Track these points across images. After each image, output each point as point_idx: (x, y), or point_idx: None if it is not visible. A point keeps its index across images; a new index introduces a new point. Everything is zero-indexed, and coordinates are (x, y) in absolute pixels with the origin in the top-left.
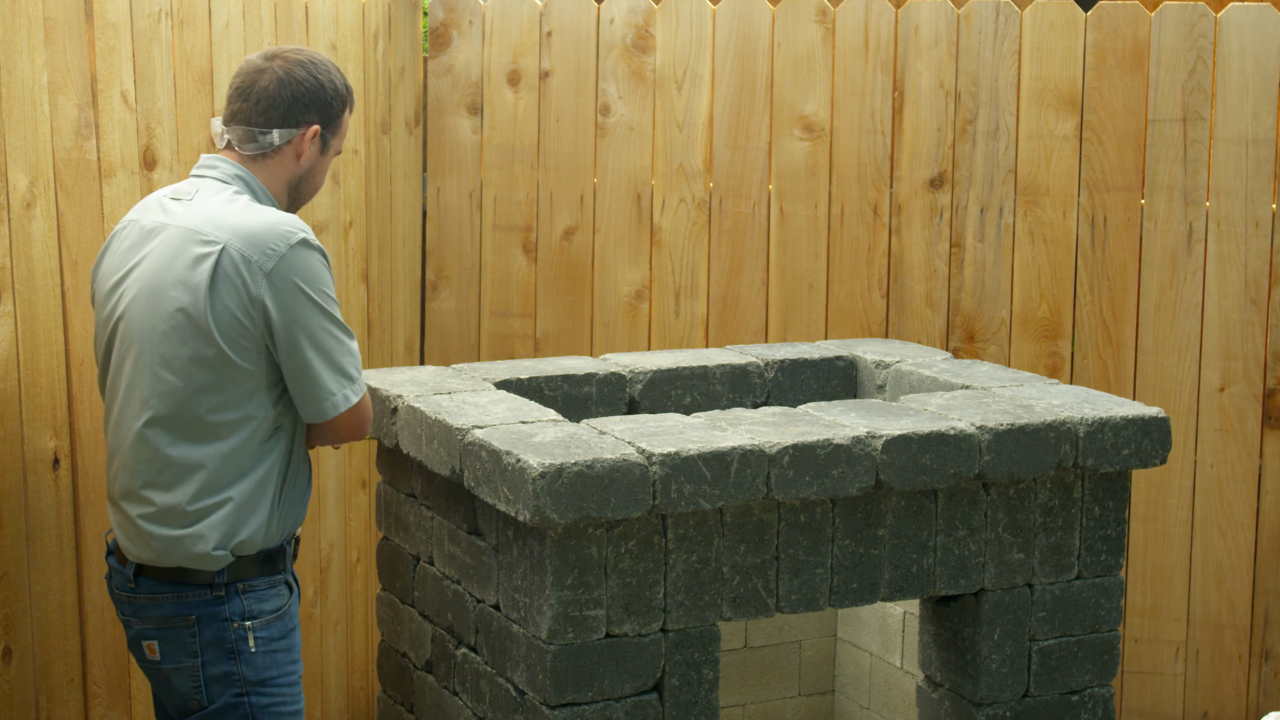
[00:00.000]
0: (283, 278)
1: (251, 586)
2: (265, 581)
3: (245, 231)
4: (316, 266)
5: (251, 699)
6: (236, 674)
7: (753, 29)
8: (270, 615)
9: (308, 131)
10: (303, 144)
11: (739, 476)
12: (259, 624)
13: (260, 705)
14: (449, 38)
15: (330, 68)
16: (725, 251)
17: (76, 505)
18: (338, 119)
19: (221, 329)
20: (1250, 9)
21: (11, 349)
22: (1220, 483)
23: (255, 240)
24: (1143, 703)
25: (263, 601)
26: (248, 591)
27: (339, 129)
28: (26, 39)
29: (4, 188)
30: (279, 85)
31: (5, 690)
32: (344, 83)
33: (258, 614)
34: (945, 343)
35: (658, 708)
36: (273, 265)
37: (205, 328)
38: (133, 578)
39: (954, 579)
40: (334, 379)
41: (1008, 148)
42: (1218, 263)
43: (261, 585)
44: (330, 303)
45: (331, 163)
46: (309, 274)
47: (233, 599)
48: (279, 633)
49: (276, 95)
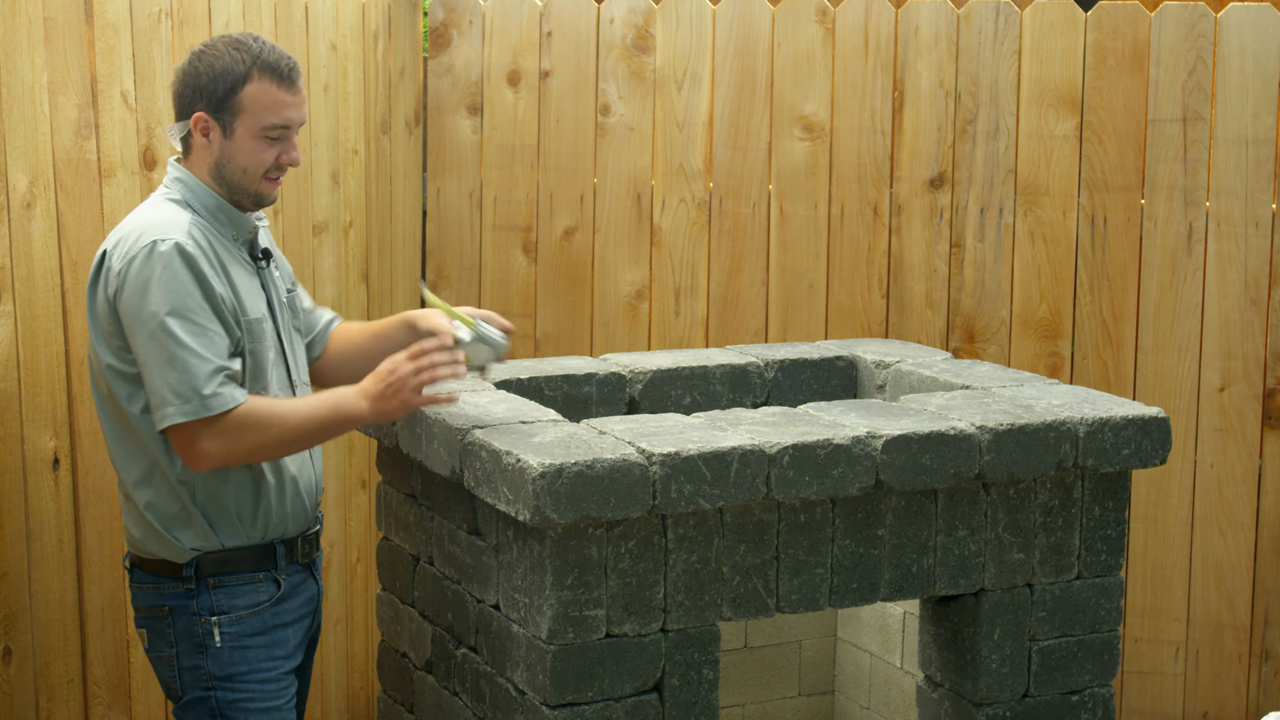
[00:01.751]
0: (131, 278)
1: (223, 582)
2: (240, 578)
3: (121, 234)
4: (160, 271)
5: (218, 693)
6: (204, 668)
7: (753, 29)
8: (243, 611)
9: (194, 120)
10: (196, 134)
11: (739, 476)
12: (227, 619)
13: (226, 700)
14: (449, 38)
15: (221, 50)
16: (725, 251)
17: (76, 505)
18: (228, 99)
19: (97, 328)
20: (1250, 9)
21: (11, 349)
22: (1220, 483)
23: (123, 242)
24: (1143, 703)
25: (234, 597)
26: (218, 587)
27: (236, 108)
28: (26, 39)
29: (4, 188)
30: (174, 79)
31: (5, 690)
32: (240, 60)
33: (227, 609)
34: (945, 343)
35: (658, 708)
36: (122, 266)
37: (92, 325)
38: (130, 567)
39: (954, 579)
40: (166, 389)
41: (1008, 148)
42: (1218, 263)
43: (234, 581)
44: (179, 309)
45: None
46: (151, 277)
47: (202, 593)
48: (254, 629)
49: (173, 89)
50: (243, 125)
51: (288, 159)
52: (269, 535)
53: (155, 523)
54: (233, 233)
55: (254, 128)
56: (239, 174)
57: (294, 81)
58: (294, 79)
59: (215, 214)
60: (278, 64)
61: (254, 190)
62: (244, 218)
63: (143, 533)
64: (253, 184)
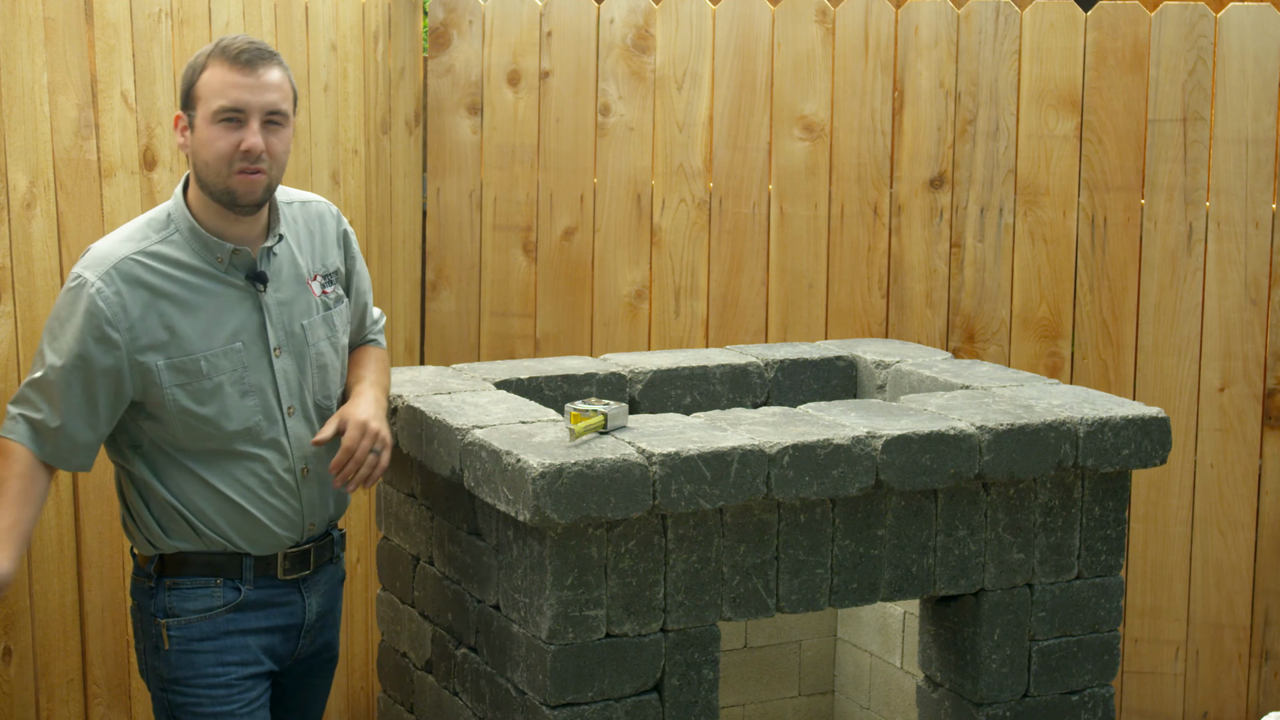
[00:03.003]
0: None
1: (178, 584)
2: (195, 581)
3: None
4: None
5: (169, 695)
6: (157, 668)
7: (753, 29)
8: (193, 615)
9: (174, 123)
10: (177, 136)
11: (739, 476)
12: (177, 622)
13: (176, 703)
14: (449, 38)
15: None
16: (725, 251)
17: (76, 505)
18: (189, 92)
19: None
20: (1250, 9)
21: (11, 349)
22: (1220, 483)
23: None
24: (1143, 703)
25: (186, 600)
26: (174, 588)
27: (194, 99)
28: (26, 39)
29: (4, 188)
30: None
31: (5, 690)
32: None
33: (178, 612)
34: (945, 343)
35: (658, 708)
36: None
37: None
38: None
39: (954, 579)
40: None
41: (1008, 148)
42: (1218, 263)
43: (188, 584)
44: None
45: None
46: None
47: (159, 593)
48: (202, 634)
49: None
50: (200, 115)
51: (246, 144)
52: (227, 547)
53: (128, 516)
54: (213, 255)
55: (207, 114)
56: (205, 168)
57: (249, 64)
58: (248, 61)
59: (189, 237)
60: (231, 47)
61: (226, 185)
62: (217, 242)
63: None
64: (221, 178)
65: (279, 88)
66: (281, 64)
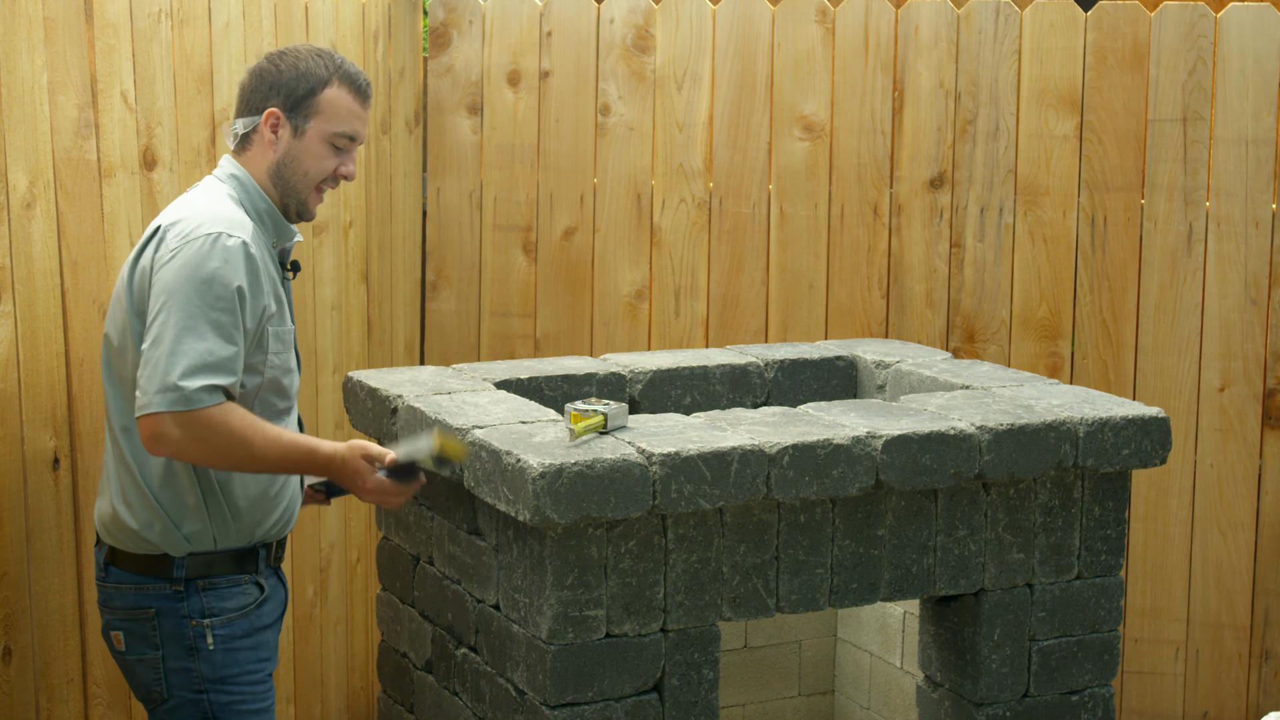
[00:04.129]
0: (185, 255)
1: (213, 584)
2: (229, 580)
3: (181, 215)
4: (212, 261)
5: (211, 696)
6: (195, 670)
7: (753, 29)
8: (232, 613)
9: (265, 115)
10: (264, 129)
11: (739, 476)
12: (219, 622)
13: (220, 703)
14: (449, 38)
15: (304, 54)
16: (725, 251)
17: (76, 505)
18: (306, 99)
19: (132, 304)
20: (1250, 9)
21: (11, 349)
22: (1220, 483)
23: (184, 223)
24: (1143, 703)
25: (224, 599)
26: (208, 589)
27: (311, 109)
28: (26, 39)
29: (4, 188)
30: (246, 77)
31: (5, 690)
32: (323, 65)
33: (218, 612)
34: (945, 343)
35: (658, 708)
36: (179, 244)
37: (128, 303)
38: (105, 565)
39: (954, 579)
40: (154, 377)
41: (1008, 148)
42: (1218, 263)
43: (224, 584)
44: (212, 300)
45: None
46: (200, 264)
47: (192, 595)
48: (242, 630)
49: (243, 86)
50: (315, 127)
51: (345, 170)
52: (257, 537)
53: (167, 515)
54: (274, 239)
55: (325, 132)
56: (298, 176)
57: (368, 98)
58: (368, 95)
59: (264, 218)
60: (357, 77)
61: (304, 198)
62: (289, 228)
63: (144, 524)
64: (306, 191)
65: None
66: None
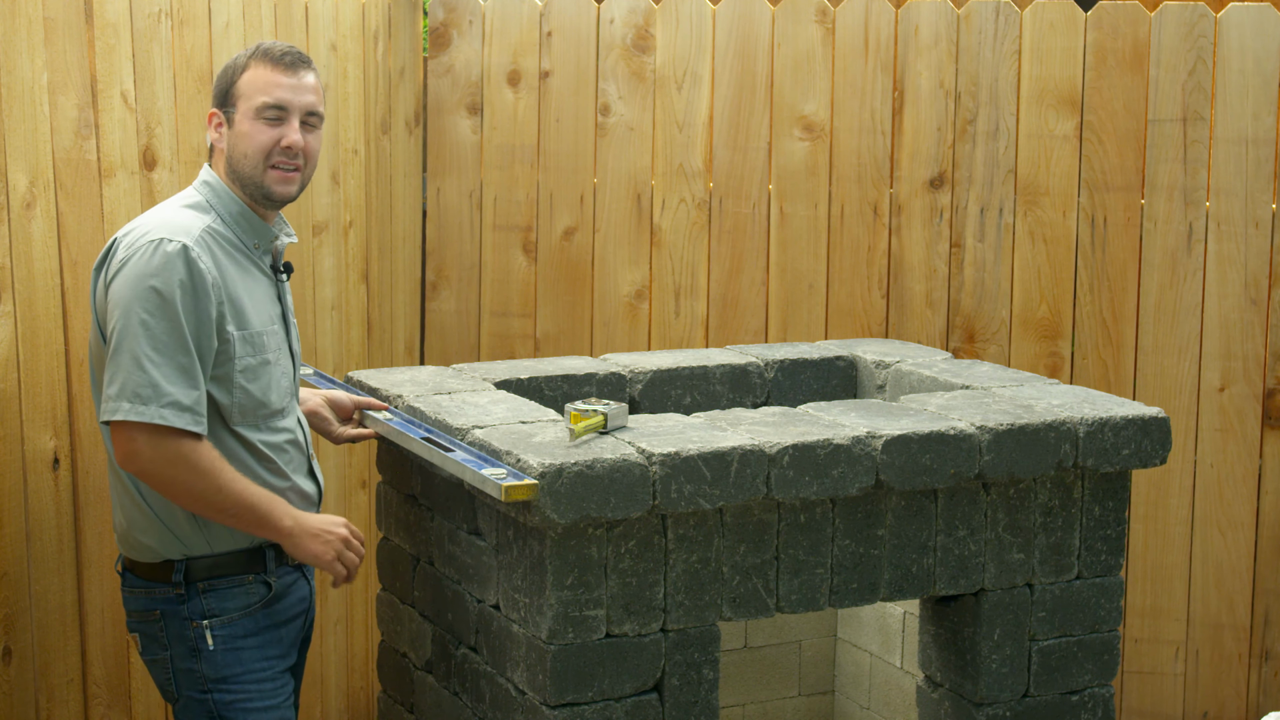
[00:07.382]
0: (128, 269)
1: (213, 586)
2: (230, 580)
3: (134, 225)
4: (152, 267)
5: (214, 695)
6: (198, 670)
7: (753, 29)
8: (235, 613)
9: (208, 119)
10: (211, 133)
11: (739, 476)
12: (219, 622)
13: (223, 702)
14: (449, 38)
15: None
16: (725, 251)
17: (76, 505)
18: (229, 90)
19: (96, 316)
20: (1250, 9)
21: (11, 349)
22: (1220, 483)
23: (133, 232)
24: (1143, 703)
25: (225, 600)
26: (209, 590)
27: (234, 96)
28: (26, 39)
29: (4, 188)
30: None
31: (5, 690)
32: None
33: (219, 612)
34: (945, 343)
35: (658, 708)
36: (126, 254)
37: (94, 314)
38: (123, 571)
39: (954, 579)
40: (117, 383)
41: (1008, 148)
42: (1218, 263)
43: (224, 584)
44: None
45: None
46: (149, 271)
47: (192, 598)
48: (246, 630)
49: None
50: (240, 111)
51: (288, 140)
52: (259, 539)
53: (165, 521)
54: (254, 240)
55: (249, 109)
56: (242, 160)
57: (291, 66)
58: (291, 64)
59: (238, 219)
60: (272, 50)
61: (259, 179)
62: (266, 226)
63: (140, 529)
64: (257, 172)
65: (316, 90)
66: (316, 70)
